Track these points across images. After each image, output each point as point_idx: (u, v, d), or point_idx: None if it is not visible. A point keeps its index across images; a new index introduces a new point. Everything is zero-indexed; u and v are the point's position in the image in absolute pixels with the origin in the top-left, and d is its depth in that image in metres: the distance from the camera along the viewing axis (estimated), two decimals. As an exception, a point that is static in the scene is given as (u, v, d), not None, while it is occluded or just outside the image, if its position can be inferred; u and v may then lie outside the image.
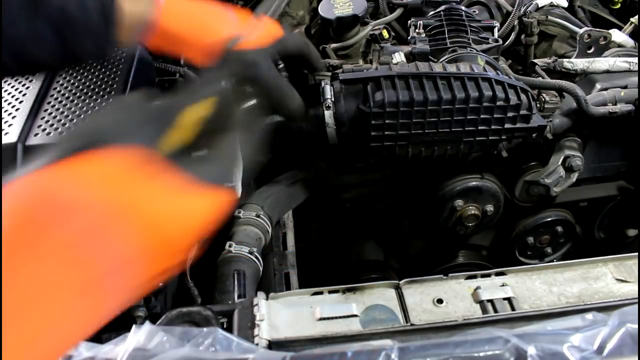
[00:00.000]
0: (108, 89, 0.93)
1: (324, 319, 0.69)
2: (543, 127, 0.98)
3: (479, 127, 0.94)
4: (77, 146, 0.39)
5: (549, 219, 1.14)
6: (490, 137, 0.96)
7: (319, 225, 1.27)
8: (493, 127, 0.95)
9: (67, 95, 0.92)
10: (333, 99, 0.94)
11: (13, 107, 0.89)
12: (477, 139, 0.96)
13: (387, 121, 0.94)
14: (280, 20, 1.59)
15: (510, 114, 0.94)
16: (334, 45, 1.41)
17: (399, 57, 1.09)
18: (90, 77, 0.96)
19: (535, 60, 1.20)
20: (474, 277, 0.75)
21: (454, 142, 0.97)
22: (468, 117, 0.93)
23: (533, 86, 1.05)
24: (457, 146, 0.98)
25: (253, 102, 0.77)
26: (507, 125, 0.95)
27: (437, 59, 1.11)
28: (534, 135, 0.99)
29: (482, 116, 0.93)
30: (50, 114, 0.87)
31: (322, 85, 0.95)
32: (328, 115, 0.95)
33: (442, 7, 1.26)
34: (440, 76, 0.93)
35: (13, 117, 0.86)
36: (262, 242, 1.06)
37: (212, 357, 0.58)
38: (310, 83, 1.12)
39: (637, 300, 0.68)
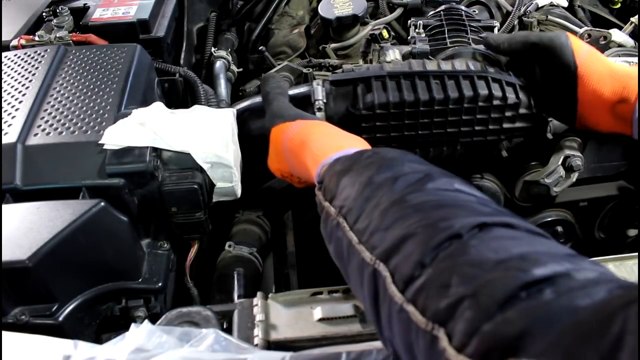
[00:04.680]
0: (108, 89, 0.92)
1: (324, 319, 0.69)
2: (545, 125, 0.96)
3: (476, 128, 0.92)
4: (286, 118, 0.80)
5: (549, 219, 1.14)
6: (488, 138, 0.94)
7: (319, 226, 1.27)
8: (491, 127, 0.92)
9: (66, 95, 0.92)
10: (324, 100, 0.92)
11: (13, 107, 0.89)
12: (475, 139, 0.95)
13: (377, 123, 0.91)
14: (281, 20, 1.59)
15: (508, 114, 0.91)
16: (333, 45, 1.41)
17: (392, 54, 1.07)
18: (89, 77, 0.96)
19: (535, 60, 1.20)
20: (474, 277, 0.75)
21: (450, 143, 0.96)
22: (463, 117, 0.90)
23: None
24: (454, 147, 0.96)
25: None
26: (505, 125, 0.93)
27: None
28: (535, 134, 0.97)
29: (478, 116, 0.91)
30: (50, 114, 0.87)
31: (314, 86, 0.93)
32: (320, 117, 0.93)
33: (442, 7, 1.26)
34: (433, 75, 0.90)
35: (13, 117, 0.86)
36: (262, 242, 1.06)
37: (212, 358, 0.58)
38: (308, 82, 1.11)
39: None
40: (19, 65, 1.00)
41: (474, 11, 1.33)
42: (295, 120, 0.79)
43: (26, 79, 0.95)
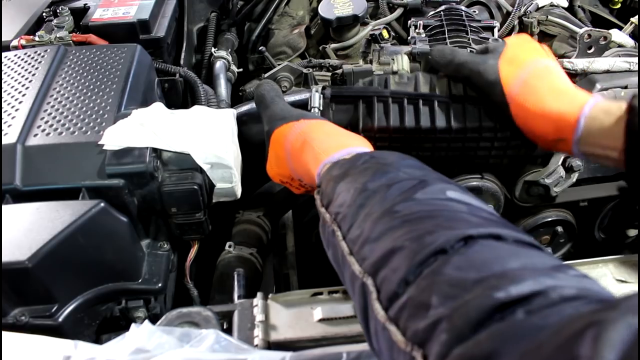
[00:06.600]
0: (107, 89, 0.92)
1: (324, 319, 0.69)
2: (549, 155, 0.93)
3: (478, 153, 0.89)
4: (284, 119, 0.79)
5: (549, 219, 1.14)
6: (490, 161, 0.92)
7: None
8: (493, 153, 0.89)
9: (66, 95, 0.92)
10: (320, 108, 0.89)
11: (13, 107, 0.89)
12: (476, 161, 0.92)
13: (377, 143, 0.88)
14: (281, 20, 1.59)
15: (513, 142, 0.87)
16: (333, 45, 1.41)
17: (400, 61, 1.05)
18: (89, 77, 0.96)
19: (535, 60, 1.19)
20: (474, 277, 0.75)
21: (450, 164, 0.92)
22: (466, 144, 0.87)
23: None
24: (453, 167, 0.94)
25: None
26: (509, 152, 0.89)
27: (437, 59, 1.11)
28: (538, 161, 0.95)
29: (481, 144, 0.87)
30: (49, 114, 0.87)
31: (312, 92, 0.92)
32: None
33: (442, 7, 1.26)
34: (439, 101, 0.85)
35: (13, 118, 0.86)
36: (262, 242, 1.05)
37: (212, 358, 0.58)
38: (308, 89, 1.10)
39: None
40: (19, 65, 1.00)
41: (474, 11, 1.33)
42: (299, 120, 0.78)
43: (26, 79, 0.95)
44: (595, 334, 0.29)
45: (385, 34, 1.24)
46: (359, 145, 0.72)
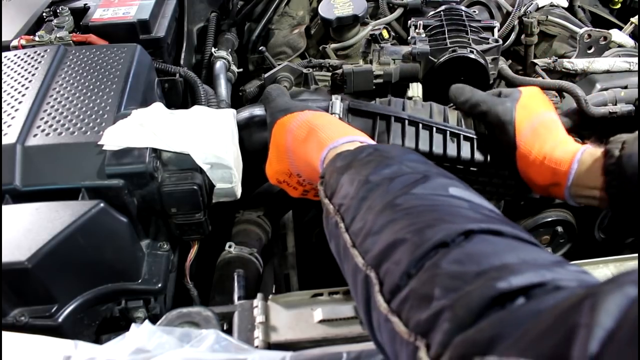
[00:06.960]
0: (107, 89, 0.92)
1: (325, 321, 0.69)
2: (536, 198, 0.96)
3: (474, 187, 0.93)
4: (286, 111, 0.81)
5: (549, 219, 1.14)
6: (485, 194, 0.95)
7: (319, 226, 1.27)
8: (488, 188, 0.93)
9: (66, 95, 0.91)
10: (341, 115, 0.92)
11: (12, 107, 0.89)
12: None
13: None
14: (281, 20, 1.59)
15: (508, 182, 0.91)
16: (333, 45, 1.41)
17: (415, 89, 1.06)
18: (89, 77, 0.96)
19: (536, 60, 1.20)
20: (474, 277, 0.75)
21: None
22: (467, 176, 0.91)
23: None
24: None
25: None
26: (501, 190, 0.93)
27: (437, 58, 1.11)
28: (521, 203, 0.97)
29: (480, 178, 0.91)
30: (49, 114, 0.87)
31: (332, 99, 0.94)
32: None
33: (442, 7, 1.26)
34: (451, 132, 0.90)
35: (12, 118, 0.86)
36: (262, 242, 1.05)
37: (212, 358, 0.58)
38: (310, 86, 1.10)
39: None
40: (18, 65, 0.99)
41: (474, 11, 1.33)
42: (303, 110, 0.81)
43: (26, 79, 0.95)
44: (593, 303, 0.30)
45: (385, 34, 1.24)
46: (362, 136, 0.74)
